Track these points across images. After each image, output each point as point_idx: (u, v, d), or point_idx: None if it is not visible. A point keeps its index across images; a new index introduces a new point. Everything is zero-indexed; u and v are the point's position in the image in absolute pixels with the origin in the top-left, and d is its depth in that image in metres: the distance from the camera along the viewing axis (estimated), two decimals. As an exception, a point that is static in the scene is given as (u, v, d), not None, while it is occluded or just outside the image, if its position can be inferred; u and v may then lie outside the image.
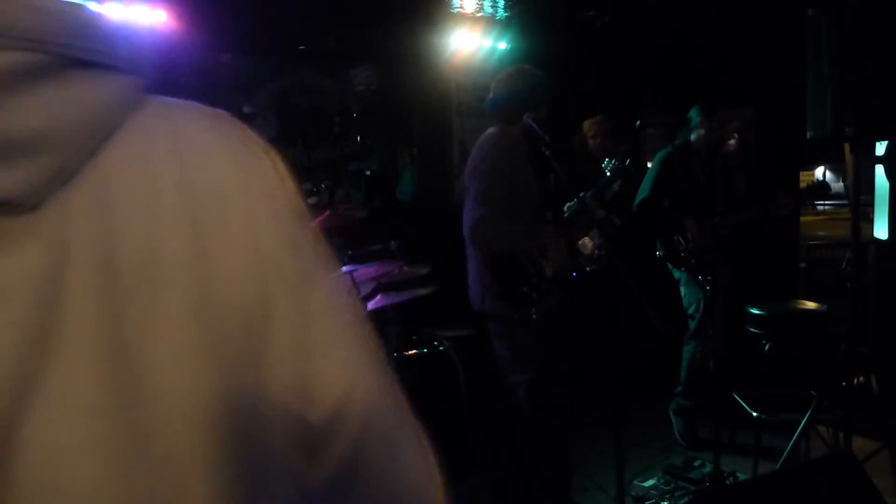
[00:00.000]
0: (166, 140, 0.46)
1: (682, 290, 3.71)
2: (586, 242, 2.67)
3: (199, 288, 0.43)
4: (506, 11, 4.52)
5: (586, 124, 4.16)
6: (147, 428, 0.41)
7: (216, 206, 0.46)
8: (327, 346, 0.49)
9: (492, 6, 4.48)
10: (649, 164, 4.00)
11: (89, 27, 0.41)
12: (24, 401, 0.38)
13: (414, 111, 4.55)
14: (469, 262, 2.65)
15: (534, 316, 2.51)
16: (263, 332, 0.45)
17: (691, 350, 3.65)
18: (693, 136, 3.70)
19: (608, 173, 2.97)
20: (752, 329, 3.31)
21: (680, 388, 3.71)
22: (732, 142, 3.94)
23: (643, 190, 3.66)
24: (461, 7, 4.35)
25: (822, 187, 4.21)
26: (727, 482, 3.05)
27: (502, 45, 4.56)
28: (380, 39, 4.15)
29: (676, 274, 3.69)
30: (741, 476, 3.17)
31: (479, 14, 4.47)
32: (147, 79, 0.46)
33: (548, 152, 2.47)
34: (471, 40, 4.45)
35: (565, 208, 2.71)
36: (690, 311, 3.66)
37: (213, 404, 0.43)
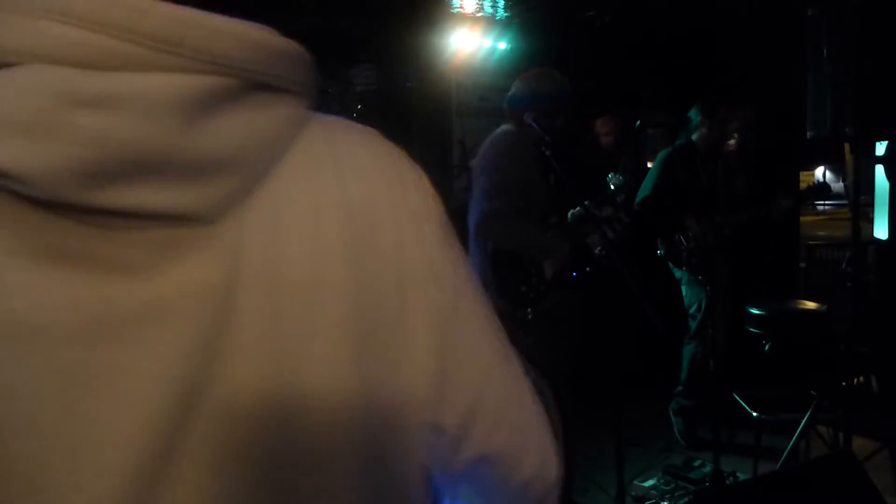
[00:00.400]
0: (329, 161, 0.48)
1: (684, 289, 3.70)
2: (596, 240, 2.67)
3: (353, 309, 0.45)
4: (506, 11, 4.52)
5: (598, 123, 4.17)
6: (300, 443, 0.43)
7: (370, 227, 0.47)
8: (474, 373, 0.52)
9: (492, 6, 4.48)
10: (649, 165, 4.01)
11: (268, 51, 0.42)
12: (195, 403, 0.40)
13: (414, 111, 4.55)
14: (471, 257, 2.64)
15: (529, 316, 2.50)
16: (403, 353, 0.48)
17: (692, 350, 3.65)
18: (694, 136, 3.70)
19: (612, 187, 2.97)
20: (752, 329, 3.31)
21: (680, 388, 3.71)
22: (732, 142, 3.94)
23: (644, 188, 3.66)
24: (461, 7, 4.35)
25: (822, 188, 4.21)
26: (727, 482, 3.05)
27: (502, 45, 4.56)
28: (380, 39, 4.15)
29: (677, 273, 3.69)
30: (741, 476, 3.17)
31: (479, 14, 4.47)
32: (311, 99, 0.48)
33: (548, 152, 2.47)
34: (471, 40, 4.44)
35: (569, 215, 2.71)
36: (692, 310, 3.66)
37: (359, 419, 0.45)
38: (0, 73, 0.35)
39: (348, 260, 0.46)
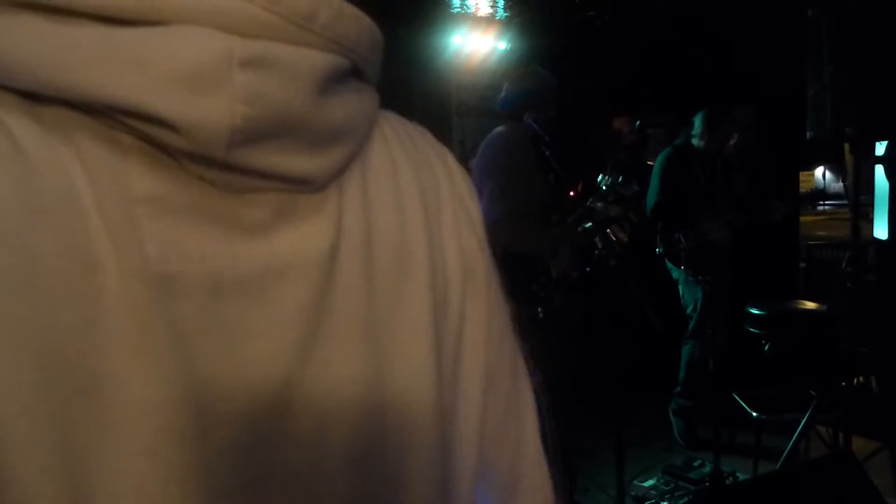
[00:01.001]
0: (399, 146, 0.52)
1: (681, 289, 3.71)
2: (614, 235, 2.68)
3: (433, 277, 0.50)
4: (506, 11, 4.52)
5: (618, 121, 4.19)
6: (388, 400, 0.46)
7: (436, 207, 0.52)
8: (496, 343, 0.56)
9: (492, 6, 4.48)
10: (649, 163, 4.01)
11: (372, 37, 0.46)
12: (303, 363, 0.43)
13: (414, 111, 4.55)
14: None
15: (540, 315, 2.51)
16: (462, 322, 0.53)
17: (689, 350, 3.65)
18: (694, 141, 3.71)
19: (603, 188, 2.98)
20: (752, 329, 3.31)
21: (679, 389, 3.71)
22: (732, 142, 3.94)
23: (652, 194, 3.66)
24: (461, 7, 4.35)
25: (817, 194, 4.22)
26: (727, 482, 3.05)
27: (502, 45, 4.56)
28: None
29: (675, 273, 3.69)
30: (741, 476, 3.17)
31: (479, 14, 4.48)
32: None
33: (548, 152, 2.47)
34: (470, 40, 4.45)
35: (570, 219, 2.71)
36: (689, 310, 3.66)
37: (434, 381, 0.48)
38: (160, 29, 0.36)
39: (425, 231, 0.50)
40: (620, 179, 2.92)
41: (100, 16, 0.36)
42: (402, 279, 0.48)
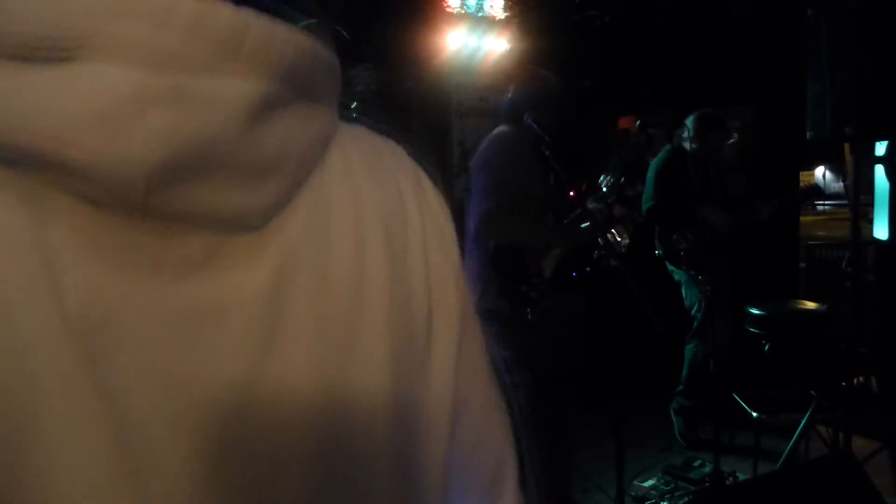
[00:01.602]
0: (361, 165, 0.50)
1: (683, 290, 3.71)
2: (616, 236, 2.68)
3: (391, 309, 0.47)
4: (506, 11, 4.52)
5: (626, 122, 4.19)
6: (344, 443, 0.45)
7: (402, 231, 0.50)
8: (469, 374, 0.55)
9: (491, 6, 4.48)
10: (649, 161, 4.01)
11: (316, 60, 0.43)
12: (248, 405, 0.41)
13: (414, 111, 4.55)
14: (469, 258, 2.64)
15: (529, 316, 2.50)
16: (430, 356, 0.51)
17: (693, 349, 3.65)
18: (686, 145, 3.71)
19: (604, 189, 2.98)
20: (752, 329, 3.31)
21: (681, 388, 3.71)
22: (731, 141, 3.94)
23: (647, 197, 3.67)
24: (461, 7, 4.35)
25: (814, 190, 4.23)
26: (727, 482, 3.05)
27: (502, 45, 4.56)
28: (379, 39, 4.15)
29: (677, 275, 3.69)
30: (741, 476, 3.17)
31: (479, 14, 4.48)
32: (336, 106, 0.49)
33: (548, 152, 2.47)
34: (470, 40, 4.45)
35: (567, 219, 2.71)
36: (693, 311, 3.66)
37: (394, 419, 0.47)
38: (68, 66, 0.34)
39: (386, 259, 0.48)
40: (623, 180, 2.92)
41: (2, 53, 0.33)
42: (359, 311, 0.46)
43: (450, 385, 0.52)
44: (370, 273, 0.47)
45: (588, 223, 2.59)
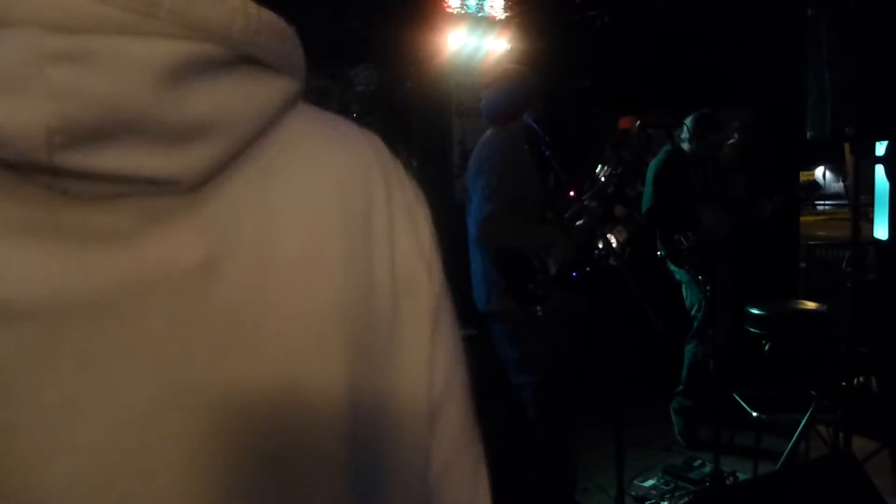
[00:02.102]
0: (324, 140, 0.48)
1: (684, 290, 3.71)
2: (613, 237, 2.67)
3: (346, 290, 0.45)
4: (506, 11, 4.52)
5: (627, 121, 4.19)
6: (287, 432, 0.43)
7: (364, 212, 0.48)
8: (442, 379, 0.52)
9: (491, 6, 4.48)
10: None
11: (269, 30, 0.42)
12: (177, 384, 0.39)
13: (414, 111, 4.55)
14: (473, 261, 2.65)
15: (539, 313, 2.51)
16: (393, 331, 0.48)
17: (693, 349, 3.65)
18: (684, 146, 3.71)
19: (602, 179, 2.98)
20: (752, 329, 3.31)
21: (681, 388, 3.71)
22: (731, 141, 3.94)
23: (647, 198, 3.67)
24: (461, 7, 4.35)
25: (813, 186, 4.24)
26: (727, 482, 3.05)
27: (502, 45, 4.56)
28: (379, 39, 4.15)
29: (678, 275, 3.70)
30: (741, 476, 3.17)
31: (479, 14, 4.47)
32: (302, 87, 0.48)
33: (548, 152, 2.47)
34: (471, 40, 4.44)
35: (566, 215, 2.71)
36: (693, 311, 3.66)
37: (347, 411, 0.45)
38: None
39: (343, 237, 0.46)
40: (619, 170, 2.92)
41: None
42: (311, 285, 0.44)
43: (423, 382, 0.50)
44: (325, 248, 0.45)
45: (584, 219, 2.60)
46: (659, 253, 3.70)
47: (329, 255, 0.45)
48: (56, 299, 0.36)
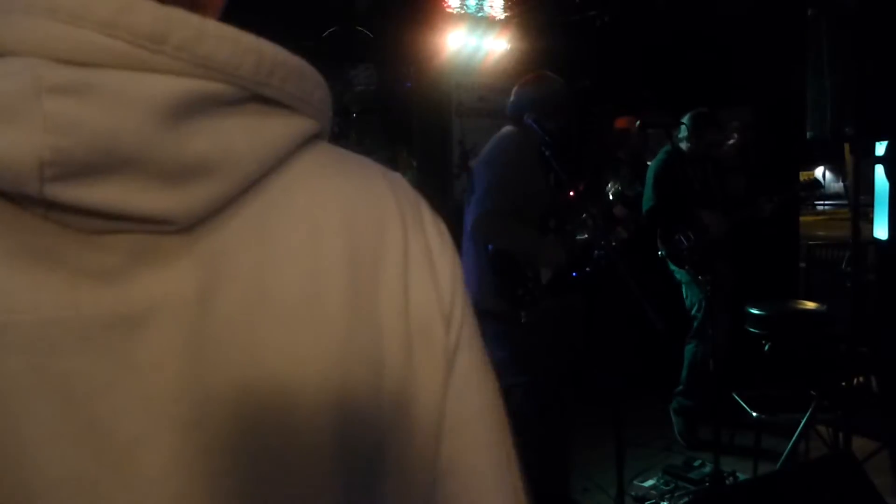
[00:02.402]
0: (337, 182, 0.47)
1: (684, 290, 3.71)
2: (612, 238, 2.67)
3: (349, 339, 0.43)
4: (506, 11, 4.52)
5: (625, 121, 4.18)
6: (274, 470, 0.41)
7: (374, 256, 0.46)
8: (463, 433, 0.50)
9: (491, 6, 4.48)
10: (649, 163, 4.01)
11: (284, 69, 0.42)
12: (166, 414, 0.39)
13: (414, 111, 4.55)
14: (467, 258, 2.64)
15: (523, 319, 2.50)
16: (404, 385, 0.46)
17: (693, 349, 3.65)
18: (682, 145, 3.72)
19: (610, 197, 2.98)
20: (752, 329, 3.31)
21: (681, 388, 3.71)
22: (732, 142, 3.94)
23: (647, 198, 3.67)
24: (461, 7, 4.35)
25: (813, 185, 4.24)
26: (727, 482, 3.05)
27: (502, 45, 4.56)
28: (379, 39, 4.15)
29: (678, 274, 3.70)
30: (741, 476, 3.17)
31: (479, 14, 4.47)
32: (324, 127, 0.47)
33: (548, 152, 2.47)
34: (471, 40, 4.44)
35: (568, 228, 2.70)
36: (693, 311, 3.66)
37: (339, 444, 0.43)
38: None
39: (348, 282, 0.44)
40: (623, 188, 2.93)
41: None
42: (303, 329, 0.42)
43: (430, 433, 0.47)
44: (323, 295, 0.43)
45: (585, 235, 2.59)
46: (660, 253, 3.70)
47: (329, 300, 0.43)
48: (44, 329, 0.36)
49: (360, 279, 0.44)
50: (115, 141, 0.35)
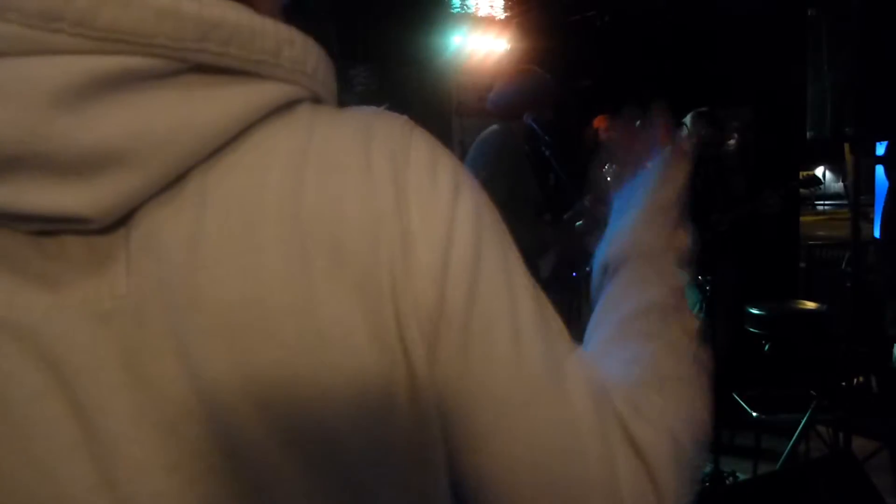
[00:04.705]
0: (295, 156, 0.38)
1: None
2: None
3: (298, 350, 0.37)
4: (506, 11, 4.52)
5: (596, 120, 4.17)
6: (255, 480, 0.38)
7: (333, 247, 0.37)
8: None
9: (491, 6, 4.48)
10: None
11: (220, 31, 0.35)
12: (83, 458, 0.37)
13: (414, 111, 4.55)
14: None
15: None
16: (387, 414, 0.39)
17: None
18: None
19: (608, 179, 2.97)
20: (752, 329, 3.31)
21: None
22: (732, 142, 3.94)
23: None
24: (461, 7, 4.35)
25: (812, 180, 4.24)
26: (727, 482, 3.05)
27: (502, 45, 4.56)
28: (380, 39, 4.15)
29: None
30: (741, 476, 3.17)
31: (479, 14, 4.48)
32: (308, 87, 0.41)
33: (548, 152, 2.47)
34: (471, 40, 4.45)
35: (565, 217, 2.70)
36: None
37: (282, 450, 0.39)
38: None
39: (298, 285, 0.37)
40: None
41: None
42: (245, 339, 0.36)
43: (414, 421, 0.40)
44: (270, 302, 0.36)
45: (584, 221, 2.59)
46: None
47: (274, 312, 0.36)
48: None
49: (313, 282, 0.37)
50: (5, 139, 0.32)
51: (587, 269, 2.68)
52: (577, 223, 2.65)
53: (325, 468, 0.39)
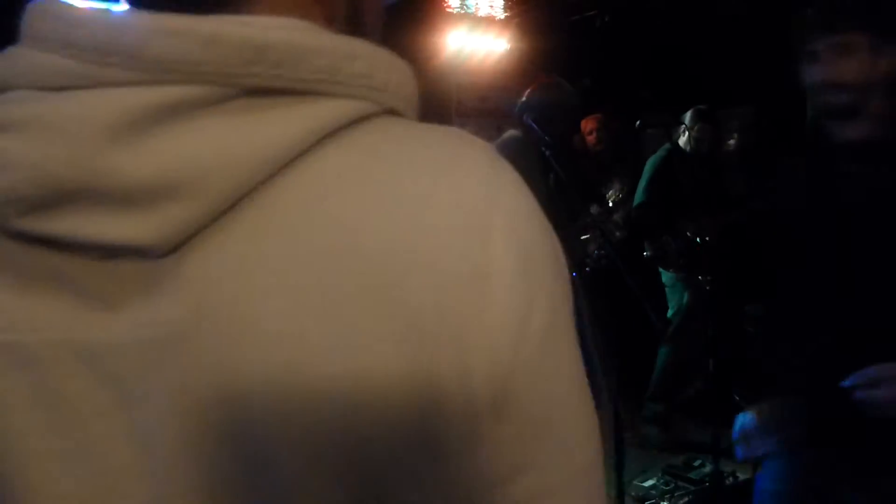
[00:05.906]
0: (351, 183, 0.36)
1: (668, 292, 3.68)
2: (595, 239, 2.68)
3: (342, 387, 0.34)
4: (506, 11, 4.52)
5: (584, 122, 4.17)
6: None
7: (386, 286, 0.35)
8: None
9: (491, 6, 4.48)
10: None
11: (271, 52, 0.35)
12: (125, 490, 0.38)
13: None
14: None
15: None
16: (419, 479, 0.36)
17: (666, 353, 3.58)
18: (681, 143, 3.72)
19: (611, 204, 2.98)
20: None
21: (650, 393, 3.62)
22: (732, 142, 3.94)
23: (639, 195, 3.66)
24: (461, 7, 4.36)
25: None
26: (727, 482, 3.05)
27: (502, 45, 4.57)
28: (379, 39, 4.17)
29: (663, 276, 3.67)
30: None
31: (479, 14, 4.48)
32: (381, 102, 0.40)
33: (548, 153, 2.47)
34: (471, 40, 4.45)
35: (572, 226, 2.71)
36: (669, 314, 3.63)
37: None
38: None
39: (337, 328, 0.34)
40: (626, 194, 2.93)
41: None
42: (277, 386, 0.35)
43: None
44: (309, 334, 0.34)
45: (588, 236, 2.59)
46: (644, 253, 3.67)
47: (314, 346, 0.34)
48: (44, 350, 0.36)
49: (355, 328, 0.35)
50: (48, 172, 0.33)
51: (587, 269, 2.69)
52: (584, 237, 2.66)
53: None
